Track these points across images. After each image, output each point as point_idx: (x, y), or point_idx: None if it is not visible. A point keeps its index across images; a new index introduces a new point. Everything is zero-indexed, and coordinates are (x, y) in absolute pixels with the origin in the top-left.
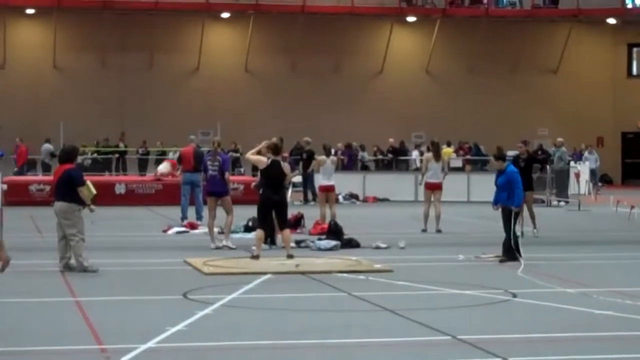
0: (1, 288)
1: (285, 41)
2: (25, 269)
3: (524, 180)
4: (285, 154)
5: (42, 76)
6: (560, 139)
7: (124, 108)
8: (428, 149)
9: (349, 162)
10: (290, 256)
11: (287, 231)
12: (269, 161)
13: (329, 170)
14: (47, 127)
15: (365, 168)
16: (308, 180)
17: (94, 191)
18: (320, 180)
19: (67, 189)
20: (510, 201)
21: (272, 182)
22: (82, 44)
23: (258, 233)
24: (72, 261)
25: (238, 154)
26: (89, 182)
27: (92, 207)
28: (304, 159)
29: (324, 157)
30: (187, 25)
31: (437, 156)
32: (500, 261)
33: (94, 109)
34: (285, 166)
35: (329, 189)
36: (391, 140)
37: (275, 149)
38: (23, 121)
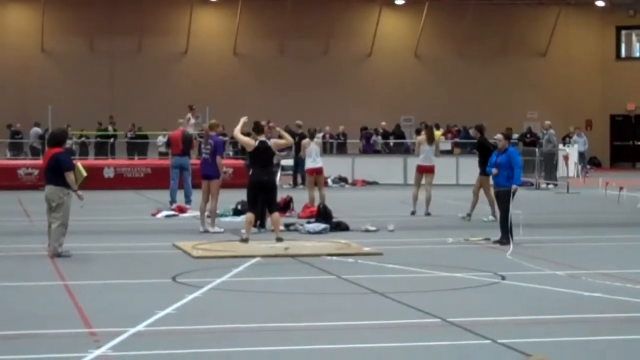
0: None
1: (274, 24)
2: (14, 252)
3: (479, 165)
4: (272, 124)
5: (29, 60)
6: (548, 122)
7: (113, 92)
8: (418, 132)
9: (367, 146)
10: (279, 239)
11: (276, 214)
12: (257, 142)
13: (314, 152)
14: (35, 111)
15: (377, 152)
16: (299, 164)
17: (84, 173)
18: (307, 163)
19: (55, 173)
20: (510, 181)
21: (261, 162)
22: (70, 28)
23: (248, 216)
24: (65, 245)
25: (226, 138)
26: (79, 164)
27: (79, 192)
28: (295, 142)
29: (307, 139)
30: (176, 9)
31: (431, 139)
32: (495, 242)
33: (83, 93)
34: (274, 142)
35: (317, 172)
36: (383, 123)
37: (257, 128)
38: (11, 105)
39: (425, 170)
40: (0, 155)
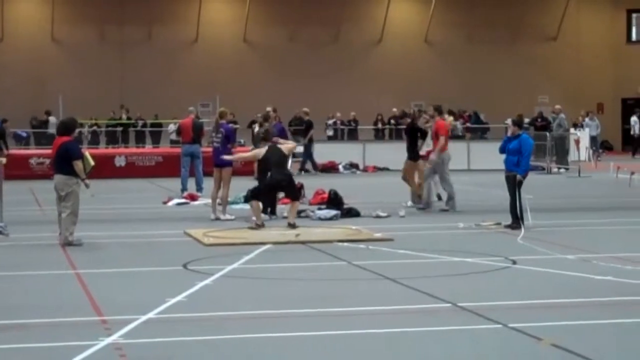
0: (2, 261)
1: (284, 11)
2: (26, 242)
3: (408, 150)
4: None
5: (40, 50)
6: (558, 106)
7: (123, 81)
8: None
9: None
10: (291, 225)
11: (296, 202)
12: (267, 148)
13: None
14: (46, 100)
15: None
16: (307, 151)
17: (92, 162)
18: None
19: (64, 162)
20: (517, 168)
21: (275, 163)
22: (81, 17)
23: (254, 204)
24: (75, 234)
25: (237, 126)
26: (87, 153)
27: (87, 182)
28: (303, 129)
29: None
30: None
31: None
32: (507, 227)
33: (93, 82)
34: (285, 147)
35: None
36: (394, 109)
37: (265, 136)
38: (22, 95)
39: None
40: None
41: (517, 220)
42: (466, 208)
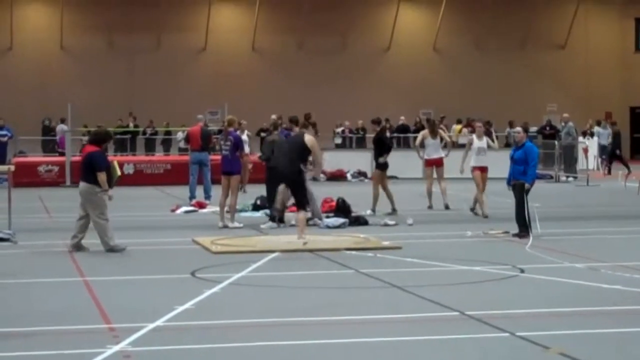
0: (10, 268)
1: (293, 20)
2: (34, 249)
3: (374, 159)
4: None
5: (49, 58)
6: (565, 115)
7: (132, 89)
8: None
9: None
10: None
11: (302, 213)
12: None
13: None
14: (55, 108)
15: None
16: None
17: (118, 172)
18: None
19: (88, 171)
20: (524, 177)
21: (289, 152)
22: (89, 25)
23: (301, 215)
24: (84, 242)
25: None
26: (115, 163)
27: (110, 193)
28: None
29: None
30: (194, 5)
31: (433, 132)
32: (514, 235)
33: (102, 90)
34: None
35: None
36: (402, 118)
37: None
38: (31, 103)
39: (433, 164)
40: (29, 152)
41: (524, 229)
42: (474, 216)
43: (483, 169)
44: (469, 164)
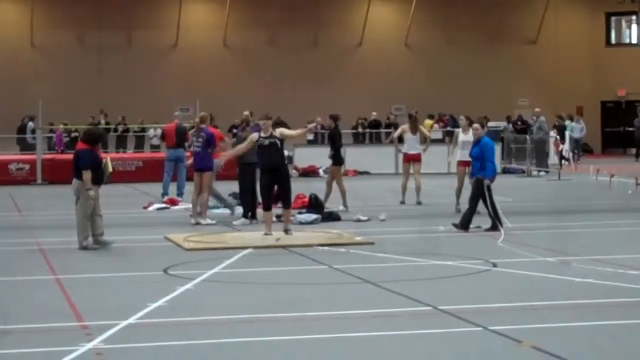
0: None
1: (264, 15)
2: (5, 247)
3: (330, 156)
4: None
5: (19, 54)
6: (537, 109)
7: (103, 85)
8: (410, 117)
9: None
10: (287, 231)
11: (289, 210)
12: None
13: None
14: (25, 105)
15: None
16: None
17: (110, 168)
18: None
19: (77, 169)
20: (482, 172)
21: (270, 147)
22: (60, 22)
23: (267, 215)
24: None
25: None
26: (108, 159)
27: (91, 192)
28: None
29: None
30: (165, 1)
31: (414, 128)
32: (487, 230)
33: (73, 87)
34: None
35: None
36: (374, 114)
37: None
38: (1, 100)
39: (411, 159)
40: (0, 150)
41: (495, 223)
42: (446, 212)
43: (468, 164)
44: (456, 158)
